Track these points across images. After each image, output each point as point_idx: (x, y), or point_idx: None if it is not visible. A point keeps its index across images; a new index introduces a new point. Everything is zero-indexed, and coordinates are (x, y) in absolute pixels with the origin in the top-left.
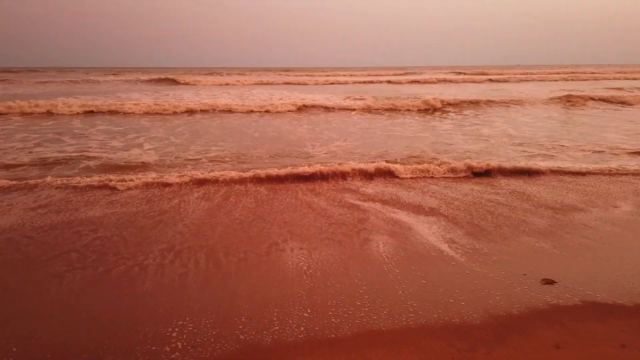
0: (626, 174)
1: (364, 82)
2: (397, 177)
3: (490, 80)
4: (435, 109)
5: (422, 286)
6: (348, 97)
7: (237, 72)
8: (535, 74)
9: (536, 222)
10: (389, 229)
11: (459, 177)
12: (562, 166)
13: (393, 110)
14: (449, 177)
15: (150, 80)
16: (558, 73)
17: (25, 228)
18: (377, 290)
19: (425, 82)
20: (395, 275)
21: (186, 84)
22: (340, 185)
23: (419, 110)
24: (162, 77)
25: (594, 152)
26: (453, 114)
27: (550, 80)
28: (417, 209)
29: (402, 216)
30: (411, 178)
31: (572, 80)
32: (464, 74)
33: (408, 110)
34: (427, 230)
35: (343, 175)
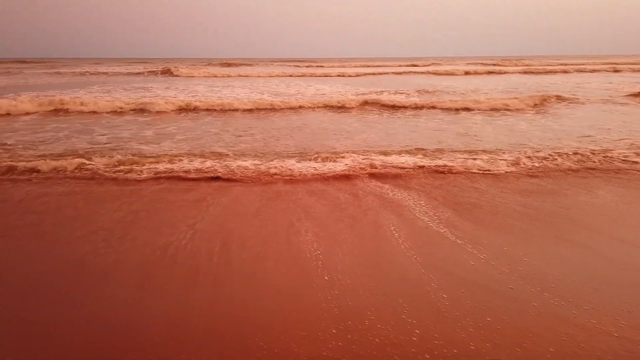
0: None
1: (400, 72)
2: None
3: (527, 72)
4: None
5: (498, 334)
6: (402, 91)
7: (249, 63)
8: (566, 65)
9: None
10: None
11: None
12: None
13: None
14: None
15: (165, 72)
16: (595, 63)
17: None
18: (438, 342)
19: (466, 73)
20: (455, 315)
21: (201, 76)
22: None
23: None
24: (171, 67)
25: None
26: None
27: (596, 72)
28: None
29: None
30: None
31: (623, 72)
32: (496, 65)
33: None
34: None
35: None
